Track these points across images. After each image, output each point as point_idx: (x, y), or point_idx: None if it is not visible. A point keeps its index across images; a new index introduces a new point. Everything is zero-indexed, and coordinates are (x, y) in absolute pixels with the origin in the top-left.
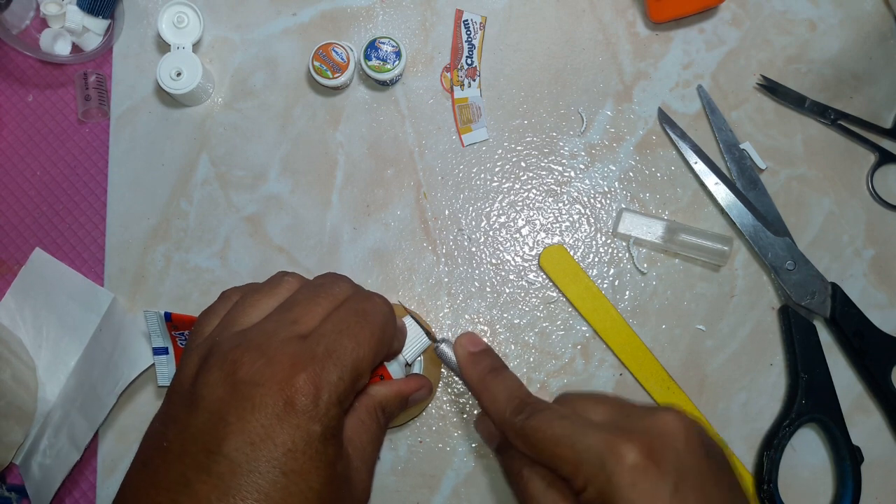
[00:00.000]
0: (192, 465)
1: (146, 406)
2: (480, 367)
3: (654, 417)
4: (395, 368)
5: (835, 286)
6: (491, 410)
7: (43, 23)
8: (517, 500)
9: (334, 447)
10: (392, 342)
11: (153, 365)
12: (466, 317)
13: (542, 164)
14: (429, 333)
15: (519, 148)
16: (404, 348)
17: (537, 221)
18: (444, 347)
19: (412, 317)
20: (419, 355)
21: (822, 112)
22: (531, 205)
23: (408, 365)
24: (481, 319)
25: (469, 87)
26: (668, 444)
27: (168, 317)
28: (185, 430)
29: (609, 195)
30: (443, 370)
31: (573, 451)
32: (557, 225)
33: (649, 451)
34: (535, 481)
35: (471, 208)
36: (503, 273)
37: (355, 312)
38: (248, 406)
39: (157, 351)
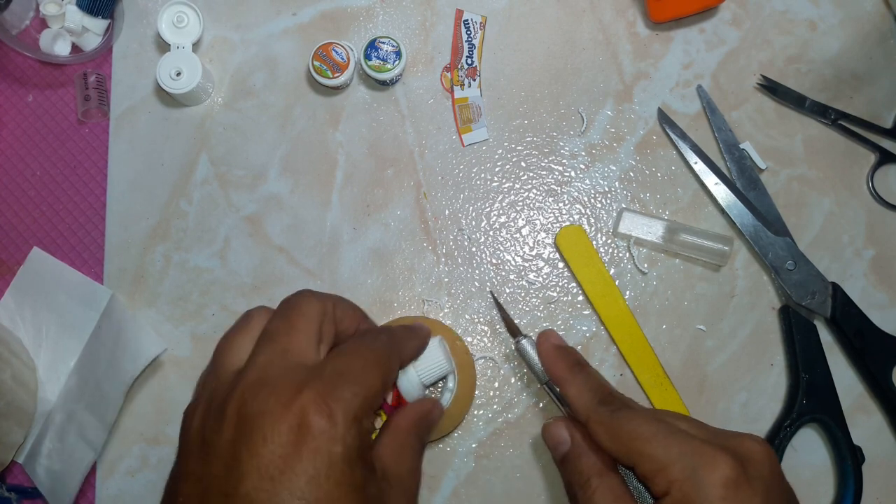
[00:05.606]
0: None
1: (146, 407)
2: (567, 361)
3: (742, 439)
4: (412, 390)
5: (835, 286)
6: (577, 400)
7: (42, 23)
8: None
9: (361, 469)
10: (396, 369)
11: (155, 359)
12: (466, 317)
13: (543, 164)
14: (512, 328)
15: (519, 148)
16: (423, 368)
17: (537, 221)
18: (526, 344)
19: (441, 342)
20: (437, 380)
21: (822, 112)
22: (531, 205)
23: (427, 387)
24: (481, 319)
25: (469, 86)
26: (756, 467)
27: None
28: (201, 481)
29: (609, 195)
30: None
31: (665, 451)
32: (558, 225)
33: (742, 469)
34: (604, 492)
35: (471, 208)
36: (503, 273)
37: (354, 340)
38: (259, 439)
39: None
